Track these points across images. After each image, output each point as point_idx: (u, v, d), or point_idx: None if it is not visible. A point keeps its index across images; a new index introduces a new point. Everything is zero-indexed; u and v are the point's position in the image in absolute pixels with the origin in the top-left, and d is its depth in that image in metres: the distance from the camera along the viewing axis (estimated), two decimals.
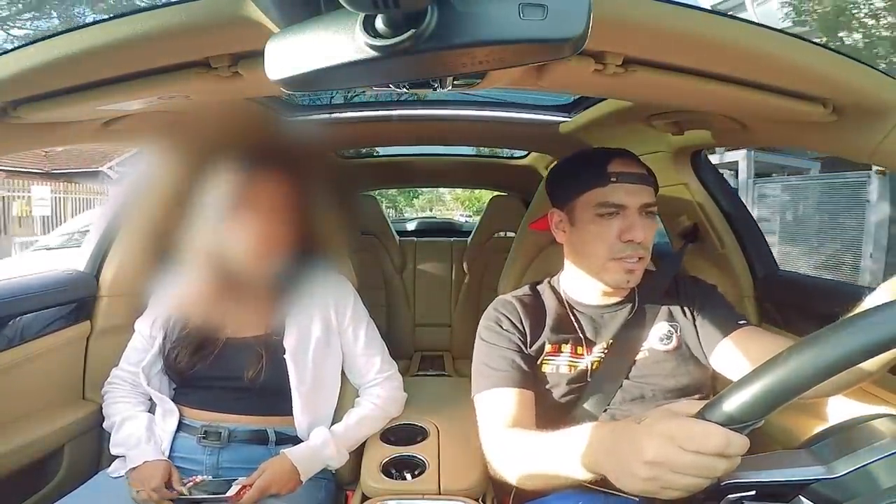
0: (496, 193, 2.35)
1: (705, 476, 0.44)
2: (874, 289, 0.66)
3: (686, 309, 0.87)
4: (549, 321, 0.87)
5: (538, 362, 0.85)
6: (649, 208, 0.81)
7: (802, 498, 0.45)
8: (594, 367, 0.84)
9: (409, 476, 0.89)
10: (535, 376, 0.85)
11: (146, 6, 0.52)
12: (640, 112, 1.01)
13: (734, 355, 0.79)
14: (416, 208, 17.37)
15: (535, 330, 0.86)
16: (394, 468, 0.91)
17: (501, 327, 0.86)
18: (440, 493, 0.84)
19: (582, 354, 0.85)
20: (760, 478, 0.46)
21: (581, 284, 0.89)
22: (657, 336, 0.85)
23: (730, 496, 0.46)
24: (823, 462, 0.45)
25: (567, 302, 0.89)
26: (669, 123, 1.04)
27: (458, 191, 16.37)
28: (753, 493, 0.46)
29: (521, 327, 0.86)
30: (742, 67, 0.62)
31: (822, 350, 0.40)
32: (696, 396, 0.82)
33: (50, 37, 0.57)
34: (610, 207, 0.80)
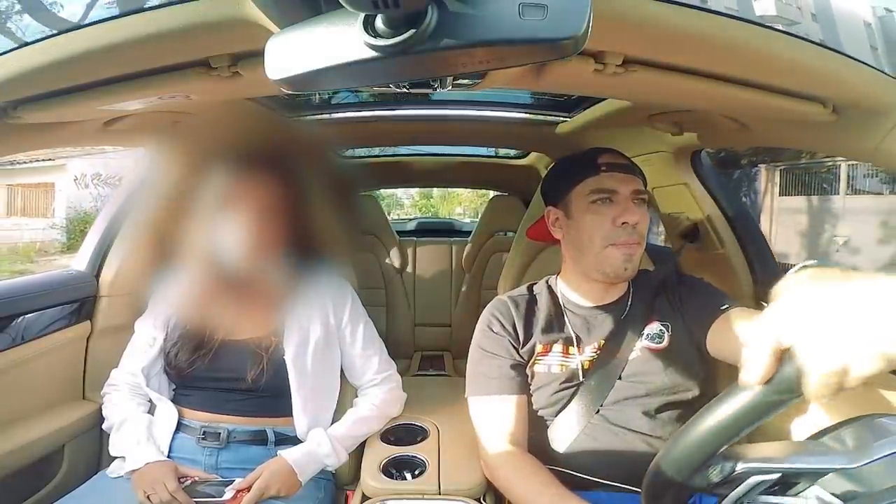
0: (496, 193, 2.35)
1: None
2: None
3: (675, 305, 0.88)
4: (540, 321, 0.88)
5: (530, 362, 0.86)
6: (640, 195, 0.84)
7: (817, 487, 0.45)
8: (586, 366, 0.85)
9: (409, 476, 0.89)
10: (527, 378, 0.86)
11: (146, 6, 0.52)
12: (640, 112, 1.01)
13: (723, 340, 0.79)
14: None
15: (527, 330, 0.88)
16: (394, 468, 0.91)
17: (493, 331, 0.88)
18: (440, 493, 0.84)
19: (573, 354, 0.86)
20: (778, 464, 0.46)
21: (577, 284, 0.90)
22: (649, 335, 0.86)
23: (747, 481, 0.46)
24: (842, 452, 0.45)
25: (561, 302, 0.91)
26: (669, 123, 1.04)
27: (416, 197, 18.99)
28: (771, 478, 0.45)
29: (512, 329, 0.88)
30: (742, 67, 0.62)
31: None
32: (689, 395, 0.83)
33: (50, 37, 0.57)
34: (603, 193, 0.83)
